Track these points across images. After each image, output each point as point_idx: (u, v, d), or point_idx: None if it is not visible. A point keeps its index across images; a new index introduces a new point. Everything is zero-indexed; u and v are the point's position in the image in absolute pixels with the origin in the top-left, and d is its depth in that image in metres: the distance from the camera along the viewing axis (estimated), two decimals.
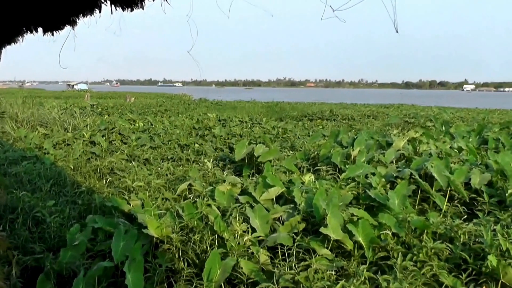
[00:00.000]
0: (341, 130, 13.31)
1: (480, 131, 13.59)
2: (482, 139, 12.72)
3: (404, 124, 20.22)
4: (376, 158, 9.37)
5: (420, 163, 8.19)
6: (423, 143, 11.21)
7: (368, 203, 6.47)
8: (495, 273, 4.07)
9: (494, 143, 11.61)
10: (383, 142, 11.56)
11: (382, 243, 4.96)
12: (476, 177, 7.31)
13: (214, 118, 20.52)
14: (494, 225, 5.18)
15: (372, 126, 19.52)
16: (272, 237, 5.03)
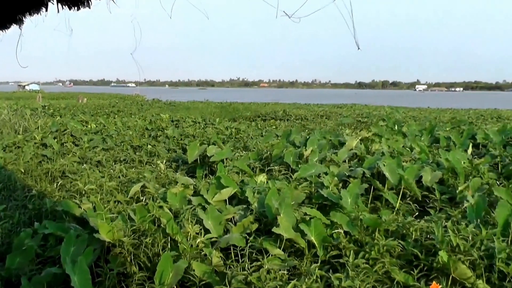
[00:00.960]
0: (294, 130, 13.47)
1: (432, 130, 14.05)
2: (433, 137, 13.18)
3: (357, 124, 20.62)
4: (328, 157, 9.55)
5: (373, 162, 8.40)
6: (376, 142, 11.49)
7: (320, 202, 6.60)
8: (446, 268, 4.24)
9: (445, 142, 12.04)
10: (335, 141, 11.79)
11: (335, 242, 5.07)
12: (428, 175, 7.57)
13: (167, 119, 20.42)
14: (445, 221, 5.41)
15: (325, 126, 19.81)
16: (225, 238, 5.06)
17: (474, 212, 5.72)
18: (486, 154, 10.63)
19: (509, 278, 4.23)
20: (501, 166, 9.23)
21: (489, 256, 4.46)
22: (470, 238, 4.75)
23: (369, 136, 12.59)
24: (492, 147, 11.33)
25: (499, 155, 10.04)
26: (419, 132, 14.18)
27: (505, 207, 5.45)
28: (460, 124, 17.71)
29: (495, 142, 11.94)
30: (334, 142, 11.72)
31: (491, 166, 9.23)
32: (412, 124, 17.27)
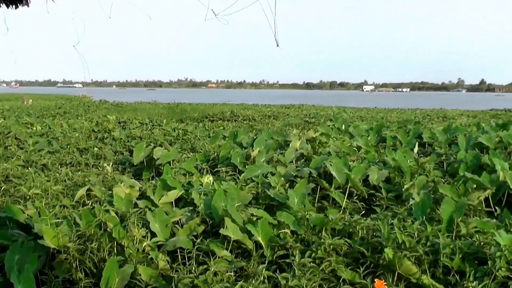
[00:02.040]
0: (241, 131, 13.53)
1: (379, 129, 14.41)
2: (380, 137, 13.51)
3: (304, 124, 20.88)
4: (275, 158, 9.65)
5: (319, 162, 8.54)
6: (322, 142, 11.66)
7: (267, 202, 6.68)
8: (392, 264, 4.37)
9: (391, 141, 12.39)
10: (282, 142, 11.92)
11: (281, 242, 5.14)
12: (374, 174, 7.77)
13: (114, 120, 20.14)
14: (391, 219, 5.57)
15: (273, 126, 19.96)
16: (172, 241, 5.04)
17: (419, 209, 5.91)
18: (432, 152, 11.03)
19: (453, 272, 4.41)
20: (446, 164, 9.58)
21: (434, 251, 4.64)
22: (416, 235, 4.93)
23: (316, 136, 12.77)
24: (438, 146, 11.74)
25: (444, 154, 10.42)
26: (366, 132, 14.51)
27: (450, 204, 5.68)
28: (407, 124, 18.21)
29: (440, 141, 12.38)
30: (281, 143, 11.85)
31: (437, 164, 9.58)
32: (359, 124, 17.65)
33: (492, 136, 12.12)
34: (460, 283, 4.25)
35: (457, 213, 5.54)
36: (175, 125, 19.09)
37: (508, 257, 4.38)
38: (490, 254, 4.48)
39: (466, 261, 4.55)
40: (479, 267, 4.46)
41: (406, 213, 5.96)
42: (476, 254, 4.71)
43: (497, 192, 7.34)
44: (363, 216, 6.02)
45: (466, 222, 5.49)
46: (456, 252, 4.56)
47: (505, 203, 7.31)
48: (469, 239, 4.99)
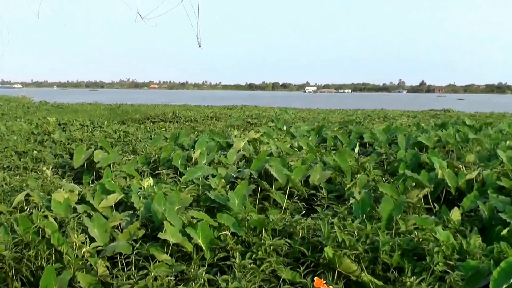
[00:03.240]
0: (183, 133, 13.45)
1: (320, 130, 14.64)
2: (321, 138, 13.70)
3: (246, 125, 20.94)
4: (217, 159, 9.63)
5: (260, 163, 8.57)
6: (264, 143, 11.74)
7: (208, 204, 6.67)
8: (332, 263, 4.47)
9: (332, 141, 12.59)
10: (224, 143, 11.92)
11: (222, 244, 5.15)
12: (315, 174, 7.93)
13: (54, 122, 19.54)
14: (332, 218, 5.69)
15: (215, 128, 19.92)
16: (111, 246, 4.97)
17: (360, 208, 6.05)
18: (372, 152, 11.30)
19: (392, 269, 4.54)
20: (386, 164, 9.85)
21: (373, 249, 4.77)
22: (356, 233, 5.05)
23: (257, 137, 12.84)
24: (378, 146, 12.05)
25: (384, 153, 10.72)
26: (307, 133, 14.70)
27: (389, 202, 5.84)
28: (348, 124, 18.57)
29: (381, 140, 12.72)
30: (222, 144, 11.86)
31: (377, 163, 9.85)
32: (301, 125, 17.86)
33: (431, 136, 12.53)
34: (399, 279, 4.39)
35: (397, 210, 5.71)
36: (116, 126, 18.78)
37: (446, 252, 4.57)
38: (428, 250, 4.66)
39: (405, 257, 4.72)
40: (417, 263, 4.63)
41: (347, 212, 6.10)
42: (415, 250, 4.89)
43: (436, 190, 7.64)
44: (304, 216, 6.12)
45: (405, 219, 5.67)
46: (395, 249, 4.71)
47: (443, 200, 7.61)
48: (408, 236, 5.16)
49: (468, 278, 4.22)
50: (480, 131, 15.01)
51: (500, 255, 4.53)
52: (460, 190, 7.69)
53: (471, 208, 6.68)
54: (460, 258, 4.63)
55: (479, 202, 6.40)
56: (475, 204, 6.58)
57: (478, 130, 15.37)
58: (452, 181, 7.64)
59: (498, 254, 4.56)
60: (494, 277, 3.97)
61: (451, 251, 4.66)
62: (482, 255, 4.65)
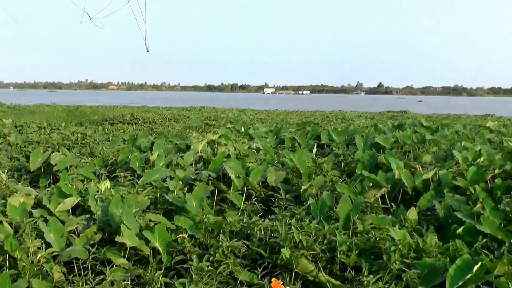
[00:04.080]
0: (140, 134, 13.31)
1: (278, 131, 14.69)
2: (279, 139, 13.76)
3: (205, 127, 20.89)
4: (174, 161, 9.57)
5: (218, 165, 8.56)
6: (222, 145, 11.72)
7: (166, 207, 6.65)
8: (289, 264, 4.50)
9: (290, 143, 12.66)
10: (182, 145, 11.87)
11: (179, 247, 5.13)
12: (272, 175, 7.95)
13: (10, 124, 19.09)
14: (289, 219, 5.71)
15: (173, 129, 19.80)
16: (67, 252, 4.89)
17: (317, 208, 6.13)
18: (330, 153, 11.40)
19: (350, 268, 4.60)
20: (344, 164, 9.96)
21: (331, 249, 4.84)
22: (313, 234, 5.11)
23: (215, 139, 12.81)
24: (336, 147, 12.19)
25: (342, 154, 10.84)
26: (265, 134, 14.76)
27: (347, 202, 5.93)
28: (306, 126, 18.70)
29: (338, 142, 12.85)
30: (180, 146, 11.80)
31: (335, 164, 9.94)
32: (259, 126, 17.92)
33: (388, 137, 12.73)
34: (356, 278, 4.45)
35: (354, 211, 5.80)
36: (74, 128, 18.45)
37: (402, 250, 4.66)
38: (385, 248, 4.74)
39: (362, 256, 4.80)
40: (374, 262, 4.71)
41: (304, 213, 6.15)
42: (372, 250, 4.98)
43: (393, 190, 7.76)
44: (261, 217, 6.15)
45: (362, 219, 5.77)
46: (352, 248, 4.78)
47: (400, 199, 7.74)
48: (365, 236, 5.24)
49: (424, 275, 4.32)
50: (437, 132, 15.32)
51: (456, 253, 4.65)
52: (417, 190, 7.83)
53: (428, 207, 6.83)
54: (417, 256, 4.73)
55: (435, 202, 6.57)
56: (432, 203, 6.74)
57: (434, 131, 15.69)
58: (409, 181, 7.79)
59: (453, 252, 4.69)
60: (450, 274, 4.08)
61: (408, 250, 4.75)
62: (438, 253, 4.77)
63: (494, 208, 5.95)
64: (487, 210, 5.84)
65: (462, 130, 15.85)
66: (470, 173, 7.87)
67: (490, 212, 5.79)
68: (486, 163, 8.84)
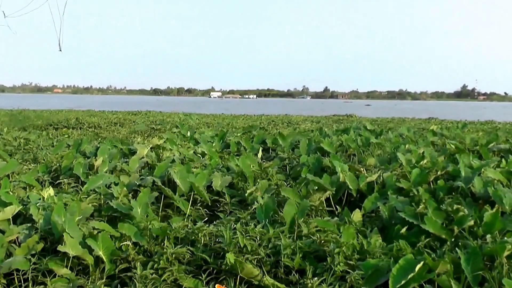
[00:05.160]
0: (85, 139, 13.06)
1: (223, 135, 14.68)
2: (225, 143, 13.77)
3: (150, 131, 20.67)
4: (119, 167, 9.44)
5: (163, 170, 8.50)
6: (167, 150, 11.65)
7: (110, 214, 6.54)
8: (234, 269, 4.50)
9: (236, 147, 12.68)
10: (127, 150, 11.72)
11: (123, 255, 5.05)
12: (218, 180, 7.96)
13: None
14: (234, 223, 5.73)
15: (119, 134, 19.50)
16: (7, 263, 4.73)
17: (262, 212, 6.16)
18: (275, 157, 11.49)
19: (294, 272, 4.64)
20: (289, 168, 10.07)
21: (275, 253, 4.89)
22: (258, 238, 5.15)
23: (160, 144, 12.71)
24: (281, 151, 12.30)
25: (287, 158, 10.95)
26: (211, 138, 14.74)
27: (292, 206, 5.98)
28: (252, 130, 18.78)
29: (284, 145, 12.94)
30: (125, 151, 11.65)
31: (280, 168, 10.04)
32: (205, 131, 17.89)
33: (333, 140, 12.96)
34: (300, 281, 4.50)
35: (299, 214, 5.86)
36: (16, 133, 17.91)
37: (346, 252, 4.76)
38: (330, 251, 4.81)
39: (307, 259, 4.86)
40: (319, 264, 4.78)
41: (250, 217, 6.18)
42: (317, 252, 5.05)
43: (338, 193, 7.89)
44: (206, 222, 6.14)
45: (307, 222, 5.83)
46: (296, 251, 4.83)
47: (345, 202, 7.87)
48: (310, 238, 5.30)
49: (368, 276, 4.42)
50: (381, 135, 15.66)
51: (399, 253, 4.77)
52: (361, 192, 7.98)
53: (372, 209, 6.97)
54: (361, 257, 4.83)
55: (380, 203, 6.70)
56: (376, 205, 6.89)
57: (379, 134, 16.04)
58: (353, 184, 7.92)
59: (397, 252, 4.81)
60: (393, 274, 4.18)
61: (352, 251, 4.85)
62: (382, 253, 4.88)
63: (436, 209, 6.13)
64: (430, 211, 6.00)
65: (406, 133, 16.28)
66: (414, 175, 8.08)
67: (433, 212, 5.96)
68: (429, 165, 9.11)
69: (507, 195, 6.63)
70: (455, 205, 6.25)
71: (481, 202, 7.09)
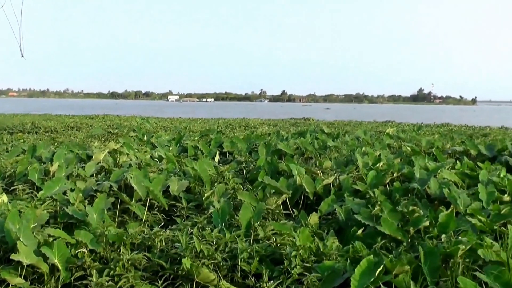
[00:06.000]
0: (41, 144, 12.79)
1: (180, 139, 14.60)
2: (182, 147, 13.69)
3: (108, 135, 20.39)
4: (75, 172, 9.26)
5: (120, 175, 8.41)
6: (123, 154, 11.51)
7: (66, 221, 6.41)
8: (190, 274, 4.47)
9: (193, 151, 12.61)
10: (83, 155, 11.51)
11: (79, 262, 4.96)
12: (174, 185, 7.91)
13: None
14: (191, 228, 5.69)
15: (76, 138, 19.15)
16: None
17: (219, 216, 6.15)
18: (232, 161, 11.48)
19: (251, 276, 4.65)
20: (246, 172, 10.05)
21: (232, 257, 4.89)
22: (215, 242, 5.12)
23: (117, 148, 12.55)
24: (238, 154, 12.29)
25: (244, 161, 10.94)
26: (168, 142, 14.63)
27: (248, 209, 5.99)
28: (209, 133, 18.74)
29: (241, 149, 12.96)
30: (82, 156, 11.44)
31: (237, 172, 10.03)
32: (162, 134, 17.76)
33: (290, 144, 13.02)
34: (257, 285, 4.51)
35: (255, 217, 5.87)
36: None
37: (303, 255, 4.78)
38: (286, 254, 4.82)
39: (263, 263, 4.86)
40: (275, 268, 4.79)
41: (206, 222, 6.16)
42: (273, 256, 5.07)
43: (294, 196, 7.93)
44: (163, 227, 6.09)
45: (264, 226, 5.83)
46: (253, 255, 4.83)
47: (302, 205, 7.92)
48: (266, 242, 5.31)
49: (325, 278, 4.45)
50: (338, 138, 15.84)
51: (355, 254, 4.83)
52: (318, 195, 8.05)
53: (329, 211, 7.05)
54: (317, 260, 4.86)
55: (336, 206, 6.77)
56: (332, 207, 6.96)
57: (335, 137, 16.22)
58: (310, 187, 7.98)
59: (353, 254, 4.87)
60: (354, 278, 4.19)
61: (308, 254, 4.87)
62: (338, 255, 4.94)
63: (392, 210, 6.21)
64: (386, 212, 6.08)
65: (362, 136, 16.48)
66: (370, 177, 8.20)
67: (389, 214, 6.03)
68: (385, 167, 9.25)
69: (461, 195, 6.81)
70: (410, 207, 6.35)
71: (437, 203, 7.25)
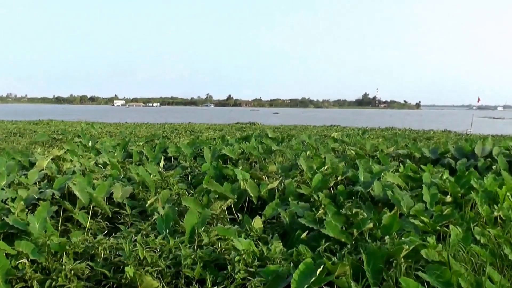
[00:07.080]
0: None
1: (125, 145, 14.39)
2: (127, 153, 13.51)
3: (52, 141, 19.89)
4: (17, 180, 8.99)
5: (63, 182, 8.22)
6: (67, 161, 11.25)
7: (6, 231, 6.19)
8: (133, 282, 4.42)
9: (137, 156, 12.46)
10: (26, 162, 11.19)
11: (20, 274, 4.81)
12: (118, 191, 7.79)
13: None
14: (135, 235, 5.62)
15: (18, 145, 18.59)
16: None
17: (163, 223, 6.08)
18: (177, 166, 11.40)
19: (194, 282, 4.62)
20: (191, 177, 10.01)
21: (176, 264, 4.85)
22: (158, 249, 5.07)
23: (61, 155, 12.26)
24: (183, 159, 12.22)
25: (189, 166, 10.89)
26: (113, 148, 14.40)
27: (193, 215, 5.95)
28: (154, 138, 18.56)
29: (186, 154, 12.89)
30: (24, 163, 11.12)
31: (182, 177, 9.97)
32: (107, 140, 17.48)
33: (235, 148, 13.02)
34: None
35: (200, 223, 5.84)
36: None
37: (247, 260, 4.78)
38: (230, 259, 4.82)
39: (208, 269, 4.84)
40: (219, 273, 4.77)
41: (150, 228, 6.09)
42: (217, 261, 5.06)
43: (239, 200, 7.95)
44: (107, 235, 5.98)
45: (208, 231, 5.80)
46: (197, 261, 4.81)
47: (246, 209, 7.93)
48: (210, 247, 5.30)
49: (269, 282, 4.47)
50: (282, 143, 15.93)
51: (299, 258, 4.87)
52: (263, 199, 8.09)
53: (273, 215, 7.09)
54: (261, 264, 4.87)
55: (280, 209, 6.83)
56: (277, 211, 7.01)
57: (280, 142, 16.31)
58: (254, 191, 8.01)
59: (297, 257, 4.91)
60: (294, 279, 4.23)
61: (252, 259, 4.88)
62: (282, 259, 4.97)
63: (336, 213, 6.31)
64: (330, 215, 6.16)
65: (307, 140, 16.61)
66: (314, 181, 8.28)
67: (333, 217, 6.11)
68: (329, 171, 9.36)
69: (404, 197, 6.97)
70: (354, 209, 6.41)
71: (380, 205, 7.40)
